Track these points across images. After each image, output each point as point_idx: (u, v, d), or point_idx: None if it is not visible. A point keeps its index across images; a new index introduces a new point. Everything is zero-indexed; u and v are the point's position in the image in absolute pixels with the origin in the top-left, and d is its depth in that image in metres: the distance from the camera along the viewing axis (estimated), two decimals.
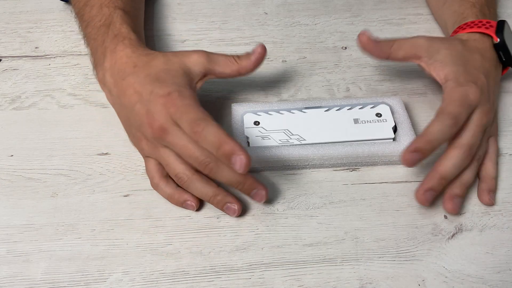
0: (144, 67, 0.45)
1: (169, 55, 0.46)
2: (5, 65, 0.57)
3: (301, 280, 0.41)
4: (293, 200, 0.46)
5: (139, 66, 0.45)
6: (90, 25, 0.50)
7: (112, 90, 0.46)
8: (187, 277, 0.41)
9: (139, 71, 0.44)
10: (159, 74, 0.44)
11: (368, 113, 0.49)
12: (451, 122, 0.42)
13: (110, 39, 0.47)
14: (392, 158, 0.48)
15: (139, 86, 0.43)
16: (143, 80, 0.44)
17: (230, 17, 0.63)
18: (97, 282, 0.41)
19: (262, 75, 0.57)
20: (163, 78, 0.43)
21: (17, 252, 0.43)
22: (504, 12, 0.63)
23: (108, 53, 0.47)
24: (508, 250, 0.43)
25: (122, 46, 0.46)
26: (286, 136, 0.48)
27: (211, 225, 0.45)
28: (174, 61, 0.45)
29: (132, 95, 0.44)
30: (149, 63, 0.45)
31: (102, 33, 0.48)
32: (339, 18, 0.63)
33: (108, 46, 0.47)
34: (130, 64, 0.45)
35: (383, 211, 0.46)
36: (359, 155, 0.47)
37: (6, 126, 0.52)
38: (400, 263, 0.42)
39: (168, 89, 0.42)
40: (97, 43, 0.49)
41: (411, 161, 0.41)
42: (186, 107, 0.41)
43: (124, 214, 0.45)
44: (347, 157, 0.47)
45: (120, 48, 0.46)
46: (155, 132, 0.42)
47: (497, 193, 0.47)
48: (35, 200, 0.46)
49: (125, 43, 0.47)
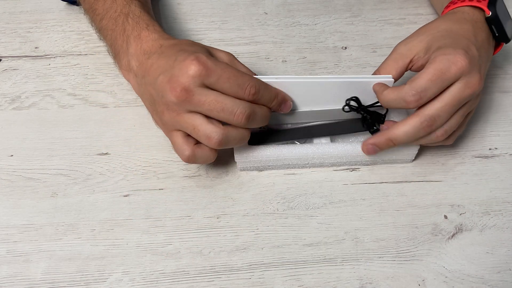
0: (170, 46, 0.44)
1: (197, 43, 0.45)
2: (5, 65, 0.57)
3: (301, 280, 0.41)
4: (293, 200, 0.46)
5: (165, 45, 0.44)
6: (105, 18, 0.49)
7: (137, 73, 0.45)
8: (187, 277, 0.41)
9: (165, 50, 0.44)
10: (183, 47, 0.43)
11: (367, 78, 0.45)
12: (412, 99, 0.41)
13: (131, 27, 0.47)
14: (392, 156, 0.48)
15: (163, 60, 0.42)
16: (167, 54, 0.43)
17: (230, 17, 0.63)
18: (97, 282, 0.41)
19: (262, 75, 0.57)
20: (188, 49, 0.42)
21: (17, 252, 0.43)
22: None
23: (132, 39, 0.46)
24: (508, 250, 0.43)
25: (147, 32, 0.46)
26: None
27: (211, 225, 0.45)
28: (202, 45, 0.45)
29: (156, 69, 0.43)
30: (175, 43, 0.44)
31: (121, 22, 0.48)
32: (339, 18, 0.63)
33: (131, 34, 0.46)
34: (156, 45, 0.45)
35: (383, 211, 0.46)
36: (359, 154, 0.47)
37: (6, 126, 0.52)
38: (400, 263, 0.42)
39: (194, 51, 0.41)
40: (116, 33, 0.48)
41: (369, 151, 0.45)
42: (224, 69, 0.40)
43: (124, 214, 0.45)
44: (346, 156, 0.47)
45: (145, 34, 0.46)
46: (179, 96, 0.39)
47: (497, 193, 0.47)
48: (35, 200, 0.46)
49: (150, 29, 0.46)
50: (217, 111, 0.40)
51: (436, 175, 0.48)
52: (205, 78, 0.39)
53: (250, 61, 0.58)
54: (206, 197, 0.47)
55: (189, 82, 0.39)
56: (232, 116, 0.40)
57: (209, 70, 0.39)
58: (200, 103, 0.39)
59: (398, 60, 0.45)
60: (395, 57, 0.45)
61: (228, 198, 0.47)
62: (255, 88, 0.40)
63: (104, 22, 0.50)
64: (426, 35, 0.45)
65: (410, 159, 0.49)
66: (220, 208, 0.46)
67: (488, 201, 0.46)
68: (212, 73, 0.39)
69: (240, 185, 0.47)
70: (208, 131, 0.40)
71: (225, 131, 0.40)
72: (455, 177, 0.48)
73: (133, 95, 0.54)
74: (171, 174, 0.48)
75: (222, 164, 0.49)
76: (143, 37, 0.45)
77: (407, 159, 0.49)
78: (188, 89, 0.39)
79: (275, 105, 0.43)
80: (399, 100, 0.41)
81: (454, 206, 0.46)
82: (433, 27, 0.46)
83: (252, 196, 0.47)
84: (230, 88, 0.40)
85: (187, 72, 0.39)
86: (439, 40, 0.44)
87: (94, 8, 0.51)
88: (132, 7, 0.48)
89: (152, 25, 0.47)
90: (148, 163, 0.49)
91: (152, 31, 0.46)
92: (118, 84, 0.55)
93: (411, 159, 0.49)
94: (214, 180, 0.48)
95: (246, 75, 0.41)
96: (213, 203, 0.46)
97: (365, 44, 0.60)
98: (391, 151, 0.47)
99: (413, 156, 0.48)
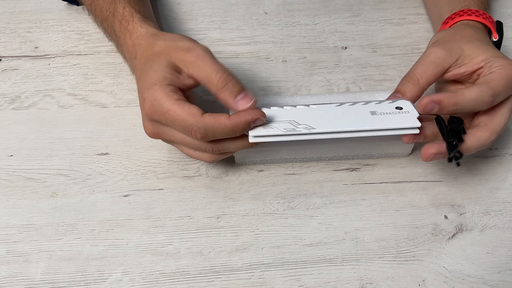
0: (141, 63, 0.43)
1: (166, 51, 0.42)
2: (4, 65, 0.57)
3: (301, 280, 0.41)
4: (293, 200, 0.46)
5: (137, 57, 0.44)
6: (104, 20, 0.50)
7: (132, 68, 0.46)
8: (187, 277, 0.41)
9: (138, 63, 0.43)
10: (147, 70, 0.42)
11: (387, 107, 0.42)
12: (489, 100, 0.39)
13: (118, 28, 0.47)
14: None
15: (138, 73, 0.43)
16: (139, 70, 0.43)
17: (230, 17, 0.63)
18: (97, 282, 0.41)
19: (262, 75, 0.57)
20: (147, 79, 0.41)
21: (16, 252, 0.43)
22: (505, 12, 0.63)
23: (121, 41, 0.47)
24: (508, 250, 0.43)
25: (128, 34, 0.46)
26: (292, 126, 0.40)
27: (211, 225, 0.45)
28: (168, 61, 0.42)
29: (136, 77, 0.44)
30: (146, 60, 0.43)
31: (111, 23, 0.48)
32: (339, 18, 0.63)
33: (120, 36, 0.47)
34: (134, 50, 0.45)
35: (383, 211, 0.45)
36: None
37: (5, 126, 0.52)
38: (400, 263, 0.42)
39: (154, 84, 0.40)
40: (111, 33, 0.49)
41: (426, 108, 0.39)
42: (166, 113, 0.39)
43: (123, 214, 0.45)
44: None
45: (127, 37, 0.46)
46: (150, 135, 0.42)
47: (498, 193, 0.47)
48: (35, 200, 0.46)
49: (129, 28, 0.46)
50: (187, 145, 0.42)
51: (436, 175, 0.48)
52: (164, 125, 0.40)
53: (250, 61, 0.58)
54: (206, 197, 0.47)
55: (152, 128, 0.42)
56: (201, 150, 0.41)
57: (155, 116, 0.40)
58: (171, 139, 0.42)
59: (438, 65, 0.42)
60: (434, 60, 0.42)
61: (228, 198, 0.47)
62: (200, 133, 0.38)
63: (104, 24, 0.51)
64: (460, 42, 0.43)
65: (406, 153, 0.49)
66: (220, 208, 0.46)
67: (488, 201, 0.46)
68: (159, 119, 0.40)
69: (240, 185, 0.47)
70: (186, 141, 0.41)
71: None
72: (455, 177, 0.48)
73: (133, 95, 0.54)
74: (171, 174, 0.48)
75: (222, 164, 0.49)
76: (126, 39, 0.46)
77: (404, 153, 0.48)
78: (156, 133, 0.42)
79: (238, 135, 0.40)
80: (478, 101, 0.40)
81: (454, 206, 0.46)
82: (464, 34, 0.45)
83: (252, 196, 0.47)
84: (180, 130, 0.40)
85: (144, 110, 0.40)
86: (483, 48, 0.43)
87: (94, 10, 0.52)
88: (116, 5, 0.48)
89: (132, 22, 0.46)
90: (148, 163, 0.49)
91: (132, 33, 0.45)
92: (118, 84, 0.55)
93: (408, 153, 0.49)
94: (214, 180, 0.48)
95: (190, 120, 0.38)
96: (213, 203, 0.46)
97: (365, 44, 0.60)
98: (387, 145, 0.47)
99: (410, 150, 0.48)
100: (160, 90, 0.39)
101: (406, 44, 0.59)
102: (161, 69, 0.40)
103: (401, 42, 0.60)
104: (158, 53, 0.41)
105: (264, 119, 0.39)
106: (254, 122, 0.39)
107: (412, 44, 0.59)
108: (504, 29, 0.48)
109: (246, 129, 0.39)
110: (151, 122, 0.41)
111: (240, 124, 0.38)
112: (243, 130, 0.39)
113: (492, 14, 0.63)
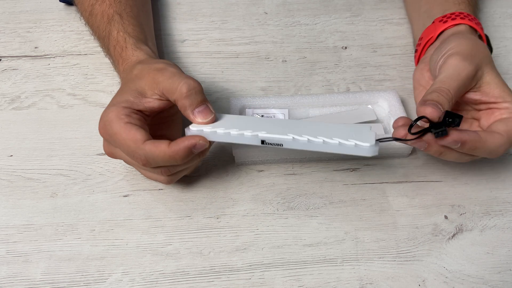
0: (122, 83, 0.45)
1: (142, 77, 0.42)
2: (4, 65, 0.57)
3: (301, 280, 0.41)
4: (293, 200, 0.46)
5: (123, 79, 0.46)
6: (101, 39, 0.51)
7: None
8: (187, 277, 0.41)
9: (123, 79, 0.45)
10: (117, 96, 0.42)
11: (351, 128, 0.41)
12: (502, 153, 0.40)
13: (112, 52, 0.48)
14: None
15: None
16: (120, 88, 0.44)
17: (230, 17, 0.63)
18: (97, 282, 0.41)
19: (262, 75, 0.57)
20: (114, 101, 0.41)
21: (16, 252, 0.43)
22: (505, 12, 0.63)
23: (115, 65, 0.49)
24: (508, 250, 0.43)
25: (121, 60, 0.47)
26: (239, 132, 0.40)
27: (211, 225, 0.45)
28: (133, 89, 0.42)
29: None
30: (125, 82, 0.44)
31: (107, 45, 0.49)
32: (339, 18, 0.63)
33: (113, 60, 0.49)
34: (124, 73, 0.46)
35: (383, 211, 0.45)
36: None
37: (5, 126, 0.52)
38: (401, 263, 0.42)
39: (101, 115, 0.41)
40: (109, 58, 0.51)
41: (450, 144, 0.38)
42: (113, 136, 0.39)
43: (123, 214, 0.45)
44: None
45: (120, 63, 0.47)
46: (106, 154, 0.44)
47: (498, 193, 0.47)
48: (35, 200, 0.46)
49: (122, 55, 0.47)
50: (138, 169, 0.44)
51: (436, 175, 0.48)
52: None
53: (250, 61, 0.58)
54: (206, 197, 0.47)
55: (107, 147, 0.43)
56: (156, 175, 0.43)
57: (106, 136, 0.41)
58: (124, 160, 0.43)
59: (467, 86, 0.42)
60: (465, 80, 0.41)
61: (228, 198, 0.46)
62: (141, 160, 0.39)
63: (100, 42, 0.52)
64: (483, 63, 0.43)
65: (406, 153, 0.49)
66: (220, 208, 0.46)
67: (488, 201, 0.46)
68: (109, 140, 0.41)
69: (240, 185, 0.47)
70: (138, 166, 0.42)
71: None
72: (455, 177, 0.48)
73: None
74: None
75: (222, 164, 0.49)
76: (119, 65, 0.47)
77: (403, 153, 0.48)
78: (110, 153, 0.43)
79: (181, 163, 0.39)
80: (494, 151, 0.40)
81: (455, 206, 0.46)
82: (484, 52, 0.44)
83: (252, 196, 0.47)
84: (125, 154, 0.41)
85: (99, 129, 0.41)
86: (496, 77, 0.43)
87: (91, 24, 0.53)
88: (111, 27, 0.49)
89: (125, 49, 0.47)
90: None
91: (124, 60, 0.47)
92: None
93: (408, 153, 0.49)
94: (214, 180, 0.48)
95: (132, 145, 0.38)
96: (213, 203, 0.46)
97: (365, 44, 0.60)
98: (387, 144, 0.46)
99: (410, 150, 0.48)
100: (114, 111, 0.40)
101: (406, 44, 0.59)
102: (126, 92, 0.41)
103: (401, 42, 0.60)
104: (134, 77, 0.42)
105: (205, 143, 0.39)
106: (194, 148, 0.39)
107: (412, 44, 0.59)
108: (504, 29, 0.49)
109: (187, 156, 0.39)
110: (105, 141, 0.42)
111: (180, 152, 0.38)
112: (185, 158, 0.39)
113: (492, 14, 0.63)
